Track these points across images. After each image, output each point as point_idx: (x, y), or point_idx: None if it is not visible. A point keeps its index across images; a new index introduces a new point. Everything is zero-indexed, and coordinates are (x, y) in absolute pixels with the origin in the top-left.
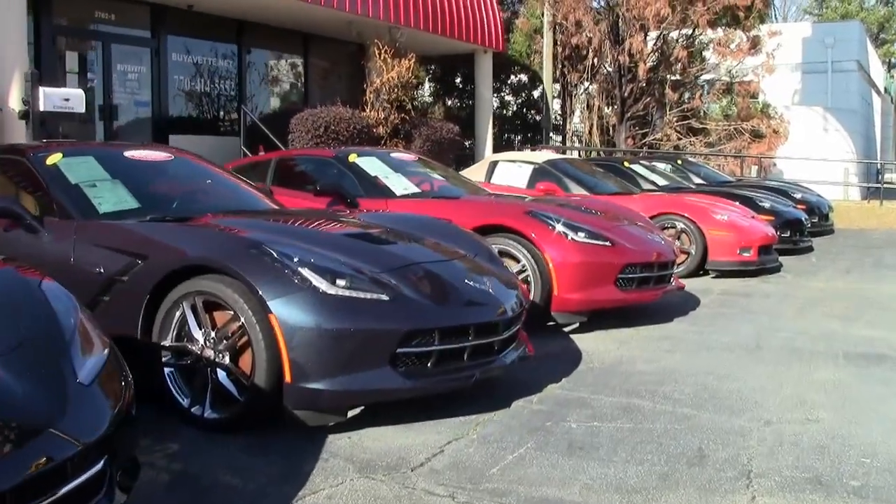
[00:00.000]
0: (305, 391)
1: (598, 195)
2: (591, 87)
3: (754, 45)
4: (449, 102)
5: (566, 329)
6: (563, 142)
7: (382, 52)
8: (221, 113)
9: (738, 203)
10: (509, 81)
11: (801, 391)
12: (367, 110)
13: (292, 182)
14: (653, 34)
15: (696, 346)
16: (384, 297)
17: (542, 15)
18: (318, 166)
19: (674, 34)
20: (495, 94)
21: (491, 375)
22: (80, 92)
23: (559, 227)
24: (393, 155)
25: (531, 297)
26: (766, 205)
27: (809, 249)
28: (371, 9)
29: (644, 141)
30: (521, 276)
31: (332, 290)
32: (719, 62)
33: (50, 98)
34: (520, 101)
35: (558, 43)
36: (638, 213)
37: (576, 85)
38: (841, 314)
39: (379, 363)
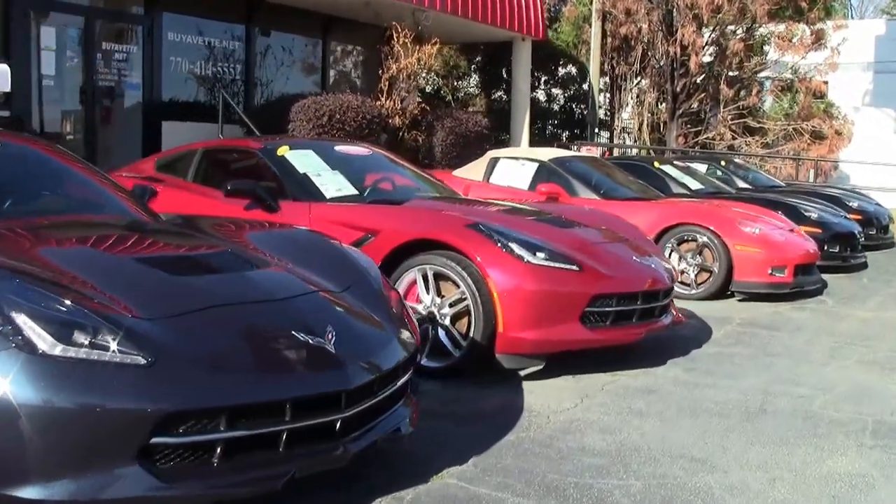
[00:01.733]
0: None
1: (610, 200)
2: (641, 80)
3: (818, 39)
4: (495, 94)
5: (523, 373)
6: (611, 139)
7: (401, 35)
8: (221, 98)
9: (780, 212)
10: (558, 74)
11: (801, 494)
12: (383, 99)
13: (214, 178)
14: (709, 25)
15: (680, 408)
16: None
17: (591, 2)
18: (242, 160)
19: (731, 26)
20: (541, 87)
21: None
22: (5, 68)
23: (512, 245)
24: (338, 149)
25: (470, 334)
26: (813, 215)
27: (863, 267)
28: None
29: (696, 140)
30: (459, 307)
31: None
32: (779, 57)
33: None
34: (568, 94)
35: (607, 33)
36: (633, 226)
37: (625, 78)
38: (883, 360)
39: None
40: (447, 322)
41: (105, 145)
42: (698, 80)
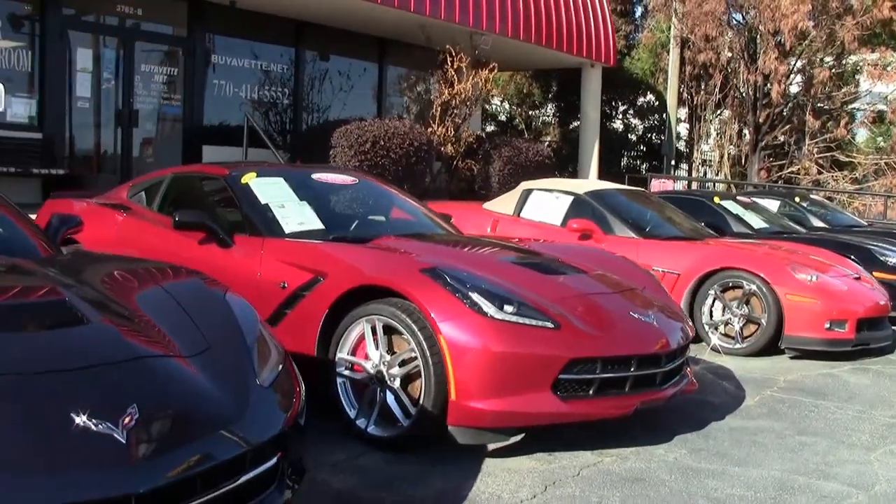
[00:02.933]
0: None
1: (649, 239)
2: (722, 111)
3: None
4: (572, 124)
5: (491, 446)
6: (690, 171)
7: (456, 59)
8: (267, 122)
9: (851, 257)
10: (637, 103)
11: None
12: (434, 125)
13: (179, 206)
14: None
15: None
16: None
17: (669, 29)
18: (209, 188)
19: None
20: (619, 117)
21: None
22: None
23: (473, 296)
24: (316, 176)
25: (420, 400)
26: (891, 260)
27: None
28: (445, 11)
29: (780, 174)
30: (410, 367)
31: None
32: (872, 86)
33: None
34: (647, 124)
35: (686, 60)
36: (646, 272)
37: (704, 108)
38: None
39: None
40: (397, 384)
41: (141, 169)
42: (783, 111)
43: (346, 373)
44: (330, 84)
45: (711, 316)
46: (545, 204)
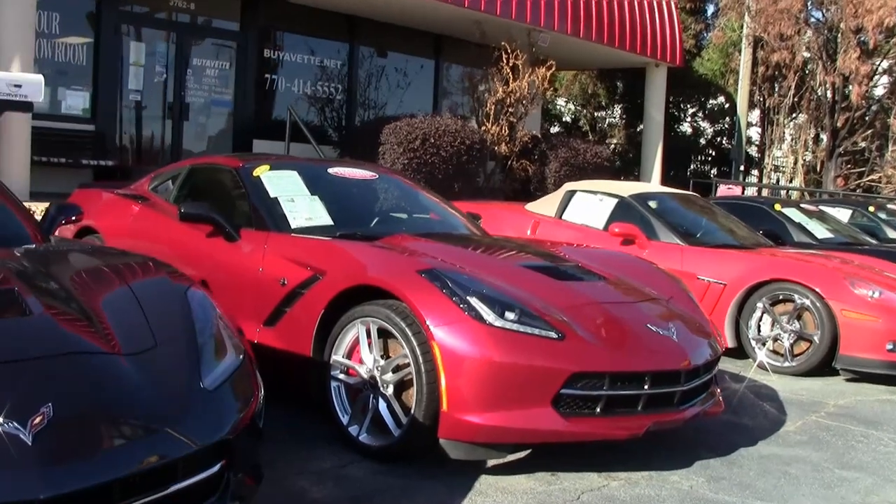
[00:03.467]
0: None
1: (696, 246)
2: (797, 114)
3: None
4: (639, 126)
5: (491, 462)
6: (760, 178)
7: (511, 56)
8: (322, 118)
9: None
10: (707, 106)
11: None
12: (488, 124)
13: (195, 197)
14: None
15: None
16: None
17: (741, 27)
18: (221, 180)
19: None
20: (687, 120)
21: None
22: (39, 78)
23: (472, 300)
24: (333, 170)
25: (411, 411)
26: None
27: None
28: (501, 7)
29: (858, 182)
30: (404, 373)
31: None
32: None
33: None
34: (716, 128)
35: (759, 61)
36: (674, 281)
37: (777, 111)
38: None
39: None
40: (390, 391)
41: None
42: (865, 115)
43: (341, 376)
44: (386, 80)
45: (759, 330)
46: (588, 206)
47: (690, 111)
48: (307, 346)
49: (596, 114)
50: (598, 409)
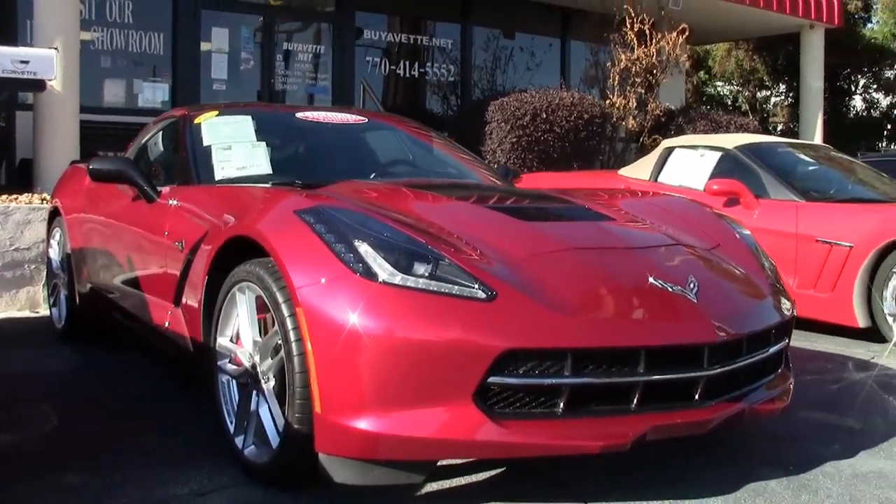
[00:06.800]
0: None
1: (815, 202)
2: None
3: None
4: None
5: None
6: None
7: (636, 21)
8: (430, 103)
9: None
10: (882, 76)
11: None
12: (613, 96)
13: (148, 157)
14: None
15: None
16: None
17: None
18: (170, 133)
19: None
20: (858, 92)
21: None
22: (50, 53)
23: (361, 248)
24: (303, 115)
25: (285, 416)
26: None
27: None
28: None
29: None
30: (280, 361)
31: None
32: None
33: None
34: (894, 100)
35: None
36: (730, 229)
37: None
38: None
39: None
40: (271, 384)
41: None
42: None
43: (229, 367)
44: (508, 61)
45: None
46: (688, 163)
47: (862, 83)
48: (198, 328)
49: (758, 93)
50: (560, 408)
